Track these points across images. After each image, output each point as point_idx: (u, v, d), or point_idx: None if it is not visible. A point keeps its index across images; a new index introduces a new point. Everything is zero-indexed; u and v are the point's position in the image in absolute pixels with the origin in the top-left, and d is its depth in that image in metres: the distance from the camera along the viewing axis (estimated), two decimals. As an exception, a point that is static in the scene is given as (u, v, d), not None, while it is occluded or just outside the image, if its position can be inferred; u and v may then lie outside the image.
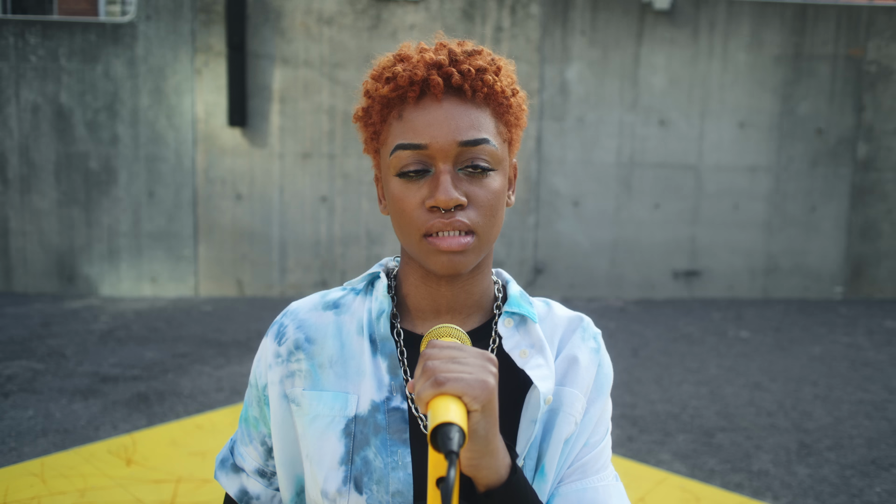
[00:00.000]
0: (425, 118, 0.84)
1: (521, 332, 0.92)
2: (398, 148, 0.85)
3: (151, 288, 7.37)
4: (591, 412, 0.92)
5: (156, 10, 7.10)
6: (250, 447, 0.98)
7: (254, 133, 7.27)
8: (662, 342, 5.97)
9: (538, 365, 0.89)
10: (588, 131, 7.48)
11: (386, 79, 0.87)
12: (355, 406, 0.88)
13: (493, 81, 0.87)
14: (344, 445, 0.87)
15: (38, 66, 7.09)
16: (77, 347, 5.46)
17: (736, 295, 7.73)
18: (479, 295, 0.93)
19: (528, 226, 7.55)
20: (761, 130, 7.57)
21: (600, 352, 0.96)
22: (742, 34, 7.47)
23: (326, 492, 0.86)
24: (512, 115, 0.90)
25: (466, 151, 0.84)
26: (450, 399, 0.68)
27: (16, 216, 7.24)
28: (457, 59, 0.87)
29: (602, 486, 0.90)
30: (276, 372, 0.93)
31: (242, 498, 0.98)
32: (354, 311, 0.94)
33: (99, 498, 2.62)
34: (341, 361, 0.91)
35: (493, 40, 7.34)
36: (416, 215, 0.84)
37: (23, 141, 7.16)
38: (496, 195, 0.86)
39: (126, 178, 7.24)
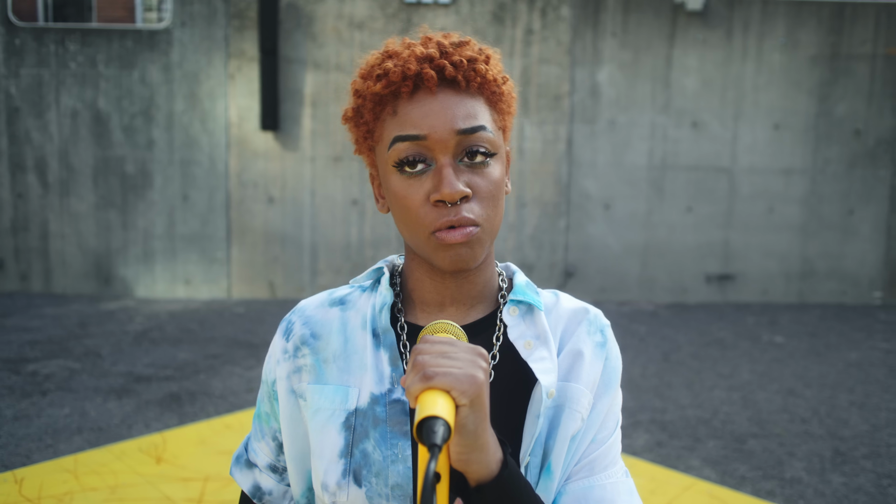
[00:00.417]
0: (421, 110, 0.84)
1: (527, 321, 0.92)
2: (396, 140, 0.84)
3: (185, 290, 7.48)
4: (598, 408, 0.91)
5: (191, 16, 7.23)
6: (262, 443, 1.00)
7: (285, 137, 7.35)
8: (694, 347, 5.89)
9: (542, 358, 0.88)
10: (619, 134, 7.43)
11: (377, 76, 0.86)
12: (356, 399, 0.89)
13: (485, 70, 0.87)
14: (344, 438, 0.88)
15: (77, 72, 7.26)
16: (112, 348, 5.57)
17: (770, 299, 7.60)
18: (482, 285, 0.93)
19: (559, 229, 7.51)
20: (797, 132, 7.43)
21: (607, 345, 0.93)
22: (777, 34, 7.35)
23: (326, 484, 0.87)
24: (504, 103, 0.90)
25: (465, 140, 0.84)
26: (438, 393, 0.68)
27: (55, 219, 7.42)
28: (447, 52, 0.87)
29: (610, 484, 0.88)
30: (284, 367, 0.94)
31: (256, 493, 0.99)
32: (360, 308, 0.95)
33: (129, 494, 2.67)
34: (345, 356, 0.92)
35: (524, 43, 7.33)
36: (422, 212, 0.84)
37: (62, 145, 7.34)
38: (497, 184, 0.86)
39: (161, 181, 7.37)
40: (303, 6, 7.24)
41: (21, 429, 3.94)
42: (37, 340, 5.71)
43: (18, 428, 3.95)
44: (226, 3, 7.23)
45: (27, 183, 7.37)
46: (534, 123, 7.39)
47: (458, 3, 7.29)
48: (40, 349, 5.47)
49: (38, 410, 4.22)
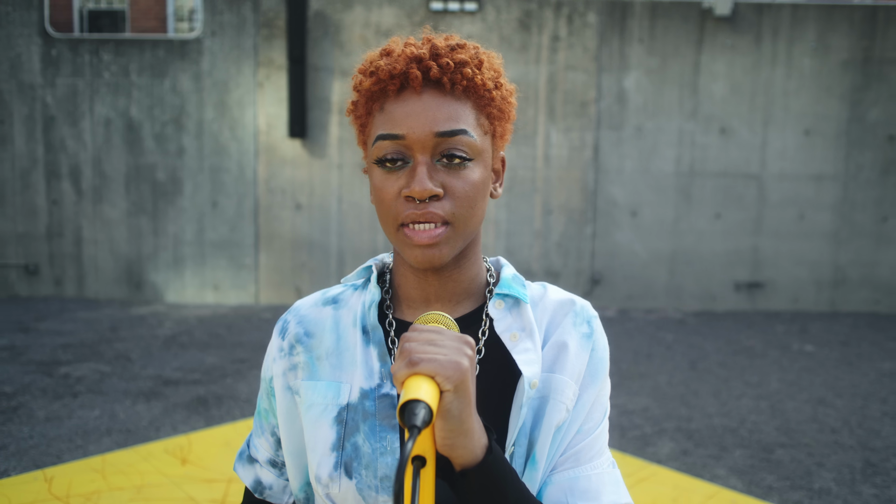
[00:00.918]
0: (404, 110, 0.86)
1: (514, 314, 0.93)
2: (378, 138, 0.87)
3: (214, 295, 7.58)
4: (584, 399, 0.92)
5: (221, 26, 7.35)
6: (262, 438, 1.02)
7: (313, 144, 7.43)
8: (722, 355, 5.82)
9: (526, 349, 0.90)
10: (646, 140, 7.38)
11: (370, 73, 0.89)
12: (347, 395, 0.91)
13: (473, 74, 0.88)
14: (336, 432, 0.90)
15: (110, 81, 7.41)
16: (142, 351, 5.66)
17: (801, 308, 7.48)
18: (467, 282, 0.95)
19: (585, 236, 7.48)
20: (828, 138, 7.32)
21: (593, 336, 0.94)
22: (807, 39, 7.26)
23: (319, 477, 0.90)
24: (495, 108, 0.91)
25: (443, 142, 0.86)
26: (423, 379, 0.70)
27: (88, 225, 7.57)
28: (438, 53, 0.89)
29: (595, 475, 0.90)
30: (280, 365, 0.97)
31: (257, 488, 1.02)
32: (351, 306, 0.97)
33: (154, 494, 2.71)
34: (337, 353, 0.94)
35: (550, 49, 7.32)
36: (393, 205, 0.87)
37: (96, 153, 7.49)
38: (474, 186, 0.88)
39: (191, 188, 7.48)
40: (330, 15, 7.33)
41: (52, 429, 4.02)
42: (69, 344, 5.82)
43: (50, 429, 4.03)
44: (255, 12, 7.34)
45: (62, 190, 7.54)
46: (560, 130, 7.38)
47: (484, 11, 7.32)
48: (73, 352, 5.58)
49: (70, 412, 4.30)
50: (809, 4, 7.34)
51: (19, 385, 4.77)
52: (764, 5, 7.31)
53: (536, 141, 7.40)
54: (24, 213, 7.57)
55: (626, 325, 6.80)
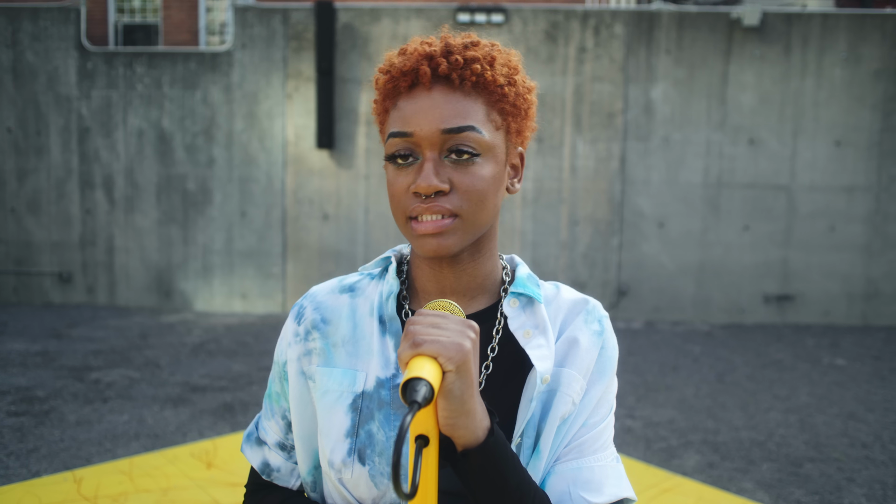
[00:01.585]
0: (413, 107, 0.88)
1: (528, 312, 0.95)
2: (390, 136, 0.90)
3: (242, 304, 7.66)
4: (592, 393, 0.93)
5: (251, 38, 7.47)
6: (272, 421, 1.03)
7: (340, 155, 7.50)
8: (750, 368, 5.75)
9: (539, 345, 0.91)
10: (673, 151, 7.34)
11: (386, 71, 0.92)
12: (363, 383, 0.93)
13: (483, 70, 0.89)
14: (350, 419, 0.92)
15: (143, 93, 7.57)
16: (171, 358, 5.74)
17: (832, 321, 7.35)
18: (482, 278, 0.96)
19: (612, 247, 7.44)
20: (859, 149, 7.22)
21: (604, 334, 0.96)
22: (838, 49, 7.18)
23: (333, 462, 0.91)
24: (508, 104, 0.92)
25: (451, 138, 0.87)
26: (426, 359, 0.73)
27: (120, 234, 7.71)
28: (450, 51, 0.90)
29: (598, 467, 0.91)
30: (295, 350, 0.98)
31: (265, 470, 1.03)
32: (368, 295, 0.99)
33: (180, 497, 2.75)
34: (353, 341, 0.96)
35: (577, 61, 7.33)
36: (402, 199, 0.89)
37: (128, 164, 7.64)
38: (483, 181, 0.89)
39: (220, 198, 7.59)
40: (358, 27, 7.41)
41: (83, 433, 4.10)
42: (100, 350, 5.93)
43: (80, 432, 4.11)
44: (284, 25, 7.46)
45: (95, 199, 7.69)
46: (587, 141, 7.37)
47: (510, 23, 7.35)
48: (103, 358, 5.68)
49: (99, 416, 4.37)
50: (840, 14, 7.27)
51: (52, 389, 4.87)
52: (793, 15, 7.25)
53: (563, 152, 7.40)
54: (59, 222, 7.74)
55: (653, 338, 6.74)
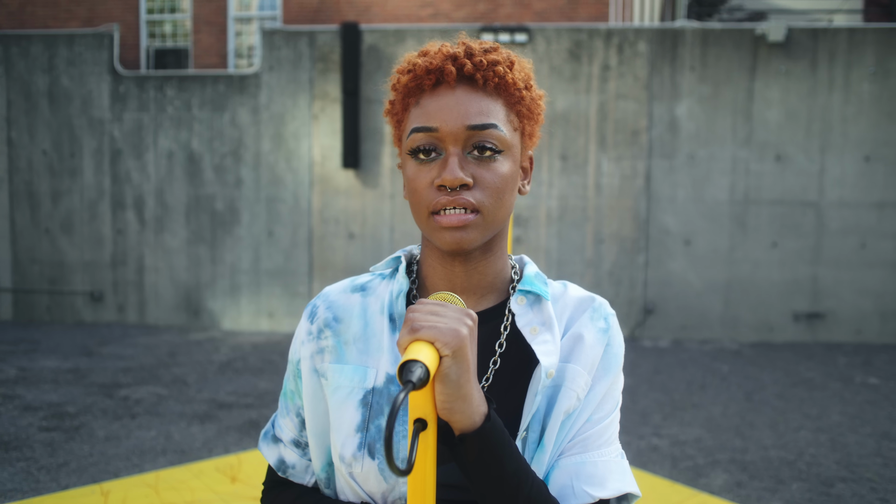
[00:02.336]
0: (438, 104, 0.91)
1: (535, 310, 0.97)
2: (413, 131, 0.92)
3: (268, 323, 7.73)
4: (597, 389, 0.95)
5: (278, 61, 7.60)
6: (287, 419, 1.06)
7: (366, 174, 7.57)
8: (779, 387, 5.65)
9: (545, 341, 0.93)
10: (699, 168, 7.30)
11: (407, 70, 0.95)
12: (373, 379, 0.95)
13: (505, 73, 0.93)
14: (361, 414, 0.94)
15: (173, 115, 7.73)
16: (198, 376, 5.80)
17: (864, 339, 7.21)
18: (492, 276, 0.98)
19: (638, 265, 7.40)
20: (889, 164, 7.12)
21: (609, 332, 0.97)
22: (865, 63, 7.11)
23: (343, 456, 0.94)
24: (524, 107, 0.96)
25: (475, 135, 0.90)
26: (423, 344, 0.75)
27: (150, 254, 7.84)
28: (472, 53, 0.94)
29: (602, 461, 0.92)
30: (308, 348, 1.01)
31: (280, 467, 1.05)
32: (379, 294, 1.01)
33: (204, 511, 2.78)
34: (364, 338, 0.98)
35: (600, 79, 7.35)
36: (425, 194, 0.91)
37: (159, 184, 7.79)
38: (503, 178, 0.92)
39: (248, 218, 7.70)
40: (383, 48, 7.51)
41: (111, 448, 4.15)
42: (130, 368, 6.01)
43: (109, 448, 4.17)
44: (311, 47, 7.58)
45: (126, 220, 7.84)
46: (611, 159, 7.36)
47: (534, 42, 7.40)
48: (132, 376, 5.76)
49: (128, 432, 4.43)
50: (867, 28, 7.21)
51: (82, 406, 4.94)
52: (819, 30, 7.21)
53: (587, 170, 7.40)
54: (91, 242, 7.90)
55: (680, 356, 6.67)
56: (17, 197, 7.98)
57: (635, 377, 5.88)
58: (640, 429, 4.63)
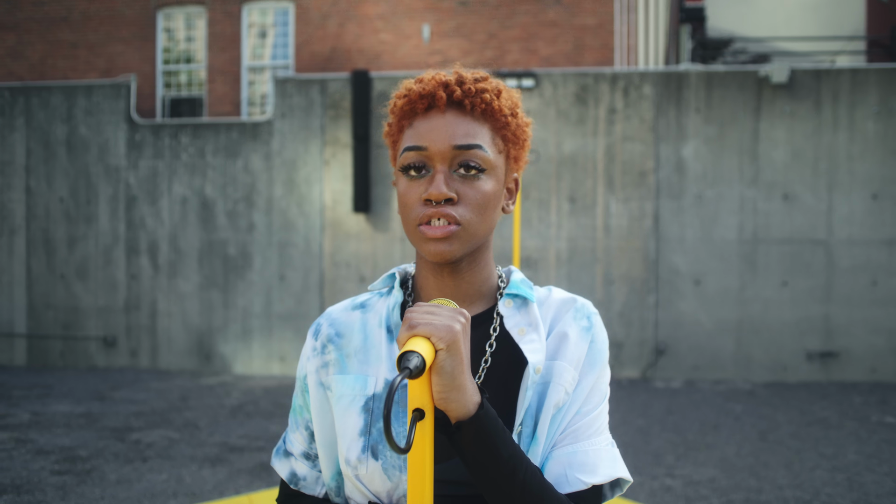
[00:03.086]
0: (429, 125, 1.00)
1: (522, 312, 1.04)
2: (405, 150, 1.01)
3: (280, 367, 7.75)
4: (584, 384, 1.01)
5: (290, 108, 7.77)
6: (297, 433, 1.12)
7: (376, 218, 7.66)
8: (794, 426, 5.59)
9: (532, 340, 1.00)
10: (707, 208, 7.34)
11: (403, 95, 1.04)
12: (374, 386, 1.02)
13: (492, 100, 1.01)
14: (363, 419, 1.01)
15: (188, 162, 7.88)
16: (209, 420, 5.81)
17: (880, 378, 7.14)
18: (480, 283, 1.06)
19: (648, 305, 7.39)
20: (898, 202, 7.13)
21: (592, 329, 1.04)
22: (869, 103, 7.19)
23: (349, 459, 1.00)
24: (510, 132, 1.03)
25: (461, 154, 0.98)
26: (420, 339, 0.82)
27: (163, 298, 7.91)
28: (463, 81, 1.02)
29: (593, 450, 0.98)
30: (314, 363, 1.08)
31: (292, 479, 1.11)
32: (377, 310, 1.09)
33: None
34: (364, 350, 1.06)
35: (607, 122, 7.45)
36: (414, 207, 0.99)
37: (172, 230, 7.90)
38: (485, 195, 1.00)
39: (260, 262, 7.78)
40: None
41: (122, 492, 4.15)
42: (141, 412, 6.03)
43: (120, 491, 4.17)
44: (322, 95, 7.75)
45: (140, 265, 7.94)
46: (619, 200, 7.42)
47: (541, 87, 7.53)
48: (144, 420, 5.78)
49: (139, 475, 4.44)
50: (870, 69, 7.30)
51: (94, 449, 4.96)
52: (822, 71, 7.31)
53: (596, 211, 7.45)
54: (106, 287, 7.98)
55: (693, 397, 6.62)
56: (33, 243, 8.11)
57: (647, 418, 5.84)
58: (654, 469, 4.59)
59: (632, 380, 7.29)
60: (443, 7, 9.86)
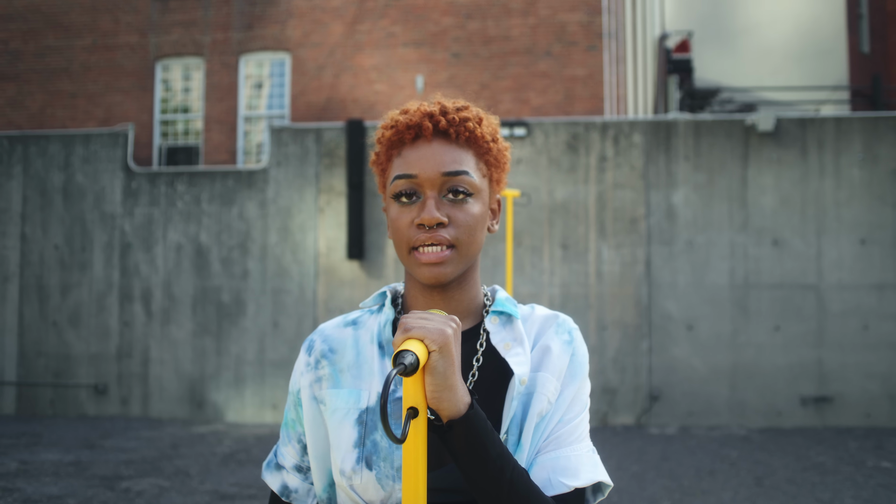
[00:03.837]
0: (417, 154, 1.06)
1: (507, 328, 1.10)
2: (396, 178, 1.07)
3: (272, 415, 7.68)
4: (565, 394, 1.06)
5: (286, 156, 7.88)
6: (289, 447, 1.15)
7: (370, 265, 7.70)
8: (790, 471, 5.56)
9: (517, 353, 1.06)
10: (698, 254, 7.42)
11: (390, 126, 1.10)
12: (367, 399, 1.07)
13: (474, 128, 1.08)
14: (357, 432, 1.05)
15: (183, 210, 7.94)
16: (201, 468, 5.74)
17: (874, 423, 7.12)
18: (467, 302, 1.11)
19: (642, 351, 7.40)
20: (885, 247, 7.23)
21: (573, 343, 1.09)
22: (853, 150, 7.33)
23: (344, 470, 1.04)
24: (492, 157, 1.11)
25: (449, 180, 1.05)
26: (414, 341, 0.89)
27: (156, 346, 7.88)
28: (446, 111, 1.09)
29: (575, 455, 1.03)
30: (307, 378, 1.12)
31: (284, 492, 1.14)
32: (369, 327, 1.14)
33: None
34: (356, 365, 1.10)
35: (598, 169, 7.57)
36: (406, 232, 1.05)
37: (166, 277, 7.92)
38: (474, 217, 1.06)
39: (254, 309, 7.78)
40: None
41: (111, 541, 4.09)
42: (132, 460, 5.96)
43: (108, 540, 4.10)
44: (317, 143, 7.87)
45: (133, 312, 7.93)
46: (611, 247, 7.49)
47: (532, 136, 7.67)
48: (134, 468, 5.70)
49: (128, 525, 4.37)
50: (853, 117, 7.47)
51: (82, 498, 4.88)
52: (807, 120, 7.48)
53: (588, 258, 7.51)
54: (98, 334, 7.95)
55: (688, 443, 6.58)
56: (26, 290, 8.10)
57: (643, 464, 5.80)
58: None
59: (626, 426, 7.26)
60: (436, 58, 10.08)
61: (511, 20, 9.96)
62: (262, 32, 10.51)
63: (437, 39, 10.08)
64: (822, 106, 14.71)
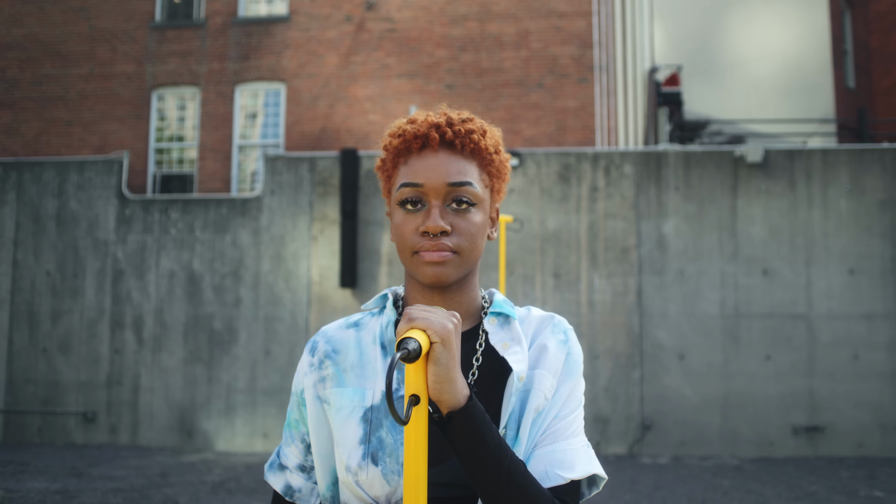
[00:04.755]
0: (423, 164, 1.11)
1: (505, 329, 1.14)
2: (402, 186, 1.11)
3: (263, 443, 7.62)
4: (561, 391, 1.11)
5: (280, 185, 7.92)
6: (292, 447, 1.19)
7: (363, 294, 7.71)
8: (783, 501, 5.55)
9: (515, 352, 1.10)
10: (689, 283, 7.47)
11: (398, 135, 1.14)
12: (371, 398, 1.11)
13: (479, 140, 1.13)
14: (363, 429, 1.09)
15: (176, 237, 7.96)
16: (190, 497, 5.68)
17: (866, 453, 7.13)
18: (467, 304, 1.16)
19: (634, 380, 7.41)
20: (874, 276, 7.30)
21: (568, 343, 1.14)
22: (841, 182, 7.44)
23: (349, 467, 1.07)
24: (494, 168, 1.16)
25: (453, 190, 1.10)
26: (417, 331, 0.93)
27: (147, 373, 7.84)
28: (452, 123, 1.13)
29: (570, 449, 1.07)
30: (311, 378, 1.16)
31: (287, 492, 1.17)
32: (371, 328, 1.18)
33: None
34: (360, 365, 1.14)
35: (589, 199, 7.64)
36: (411, 238, 1.09)
37: (158, 304, 7.90)
38: (476, 226, 1.11)
39: (246, 337, 7.76)
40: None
41: (98, 570, 4.03)
42: (119, 489, 5.89)
43: (96, 569, 4.05)
44: (311, 172, 7.92)
45: (124, 339, 7.89)
46: (603, 276, 7.54)
47: (525, 166, 7.75)
48: (122, 497, 5.64)
49: (116, 553, 4.31)
50: (840, 149, 7.59)
51: (70, 527, 4.82)
52: (795, 151, 7.59)
53: (580, 287, 7.55)
54: (88, 361, 7.91)
55: (680, 472, 6.57)
56: (17, 317, 8.07)
57: (635, 493, 5.78)
58: None
59: (619, 455, 7.23)
60: (429, 90, 10.21)
61: (504, 53, 10.12)
62: (257, 63, 10.63)
63: (431, 71, 10.22)
64: (809, 139, 14.93)
